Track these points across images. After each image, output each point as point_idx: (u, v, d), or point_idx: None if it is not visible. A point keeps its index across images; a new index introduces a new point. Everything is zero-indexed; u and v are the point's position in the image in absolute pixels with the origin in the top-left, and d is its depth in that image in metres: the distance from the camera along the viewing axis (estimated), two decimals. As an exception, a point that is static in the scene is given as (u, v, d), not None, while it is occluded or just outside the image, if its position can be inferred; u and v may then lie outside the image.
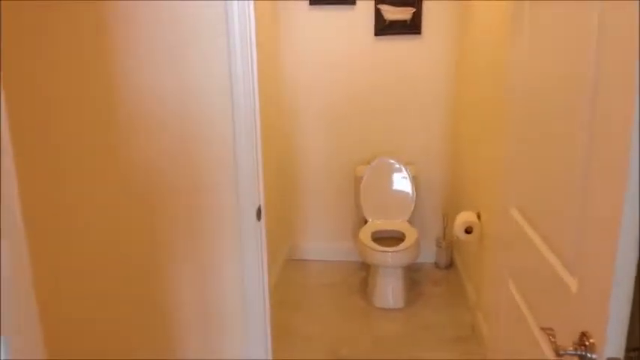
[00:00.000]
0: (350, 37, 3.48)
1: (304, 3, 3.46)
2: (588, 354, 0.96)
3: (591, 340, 0.97)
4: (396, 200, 3.44)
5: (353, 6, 3.43)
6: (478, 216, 2.73)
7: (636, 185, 0.84)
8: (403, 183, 3.42)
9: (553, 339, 1.08)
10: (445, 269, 3.64)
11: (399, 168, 3.41)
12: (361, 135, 3.62)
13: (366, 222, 3.47)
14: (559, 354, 1.02)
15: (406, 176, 3.41)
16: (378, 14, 3.42)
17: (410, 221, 3.45)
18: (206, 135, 1.78)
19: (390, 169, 3.43)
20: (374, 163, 3.44)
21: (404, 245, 3.02)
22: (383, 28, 3.44)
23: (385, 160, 3.43)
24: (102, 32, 1.70)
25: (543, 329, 1.16)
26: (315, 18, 3.48)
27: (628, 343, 0.93)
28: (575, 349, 1.00)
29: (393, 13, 3.41)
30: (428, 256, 3.72)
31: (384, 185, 3.45)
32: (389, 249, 2.98)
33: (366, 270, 3.61)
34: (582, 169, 1.06)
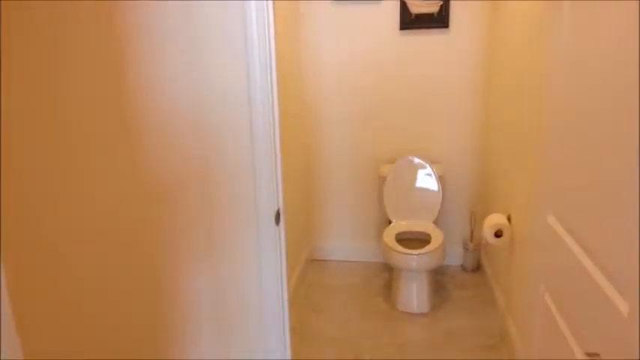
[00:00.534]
0: (374, 32, 3.36)
1: (327, -4, 3.36)
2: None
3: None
4: (422, 200, 3.32)
5: (378, 0, 3.32)
6: (508, 218, 2.60)
7: None
8: (429, 182, 3.30)
9: (601, 368, 0.97)
10: (472, 272, 3.51)
11: (425, 167, 3.29)
12: (385, 133, 3.51)
13: (390, 222, 3.36)
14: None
15: (432, 175, 3.29)
16: (404, 8, 3.30)
17: (435, 222, 3.33)
18: (223, 137, 1.70)
19: (416, 168, 3.31)
20: (399, 162, 3.32)
21: (429, 248, 2.91)
22: (409, 22, 3.32)
23: (410, 159, 3.31)
24: (114, 33, 1.63)
25: (589, 355, 1.05)
26: (338, 13, 3.37)
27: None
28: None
29: (420, 7, 3.28)
30: (454, 259, 3.60)
31: (409, 185, 3.33)
32: (414, 252, 2.87)
33: (390, 271, 3.51)
34: (636, 180, 0.94)
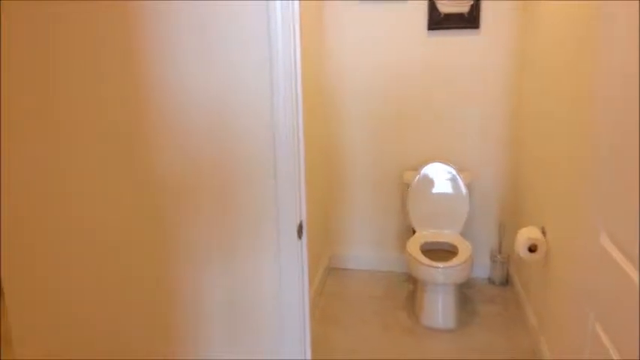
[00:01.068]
0: (401, 32, 3.22)
1: (352, -5, 3.22)
2: None
3: None
4: (448, 210, 3.16)
5: (405, 0, 3.17)
6: (543, 232, 2.44)
7: None
8: (455, 191, 3.14)
9: None
10: (500, 286, 3.34)
11: (452, 174, 3.14)
12: (410, 138, 3.36)
13: (414, 232, 3.21)
14: None
15: (459, 183, 3.13)
16: (433, 7, 3.15)
17: (462, 233, 3.17)
18: (242, 143, 1.58)
19: (442, 176, 3.16)
20: (424, 169, 3.17)
21: (457, 261, 2.75)
22: (437, 22, 3.16)
23: (436, 166, 3.16)
24: (130, 31, 1.52)
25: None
26: (363, 13, 3.23)
27: None
28: None
29: (449, 6, 3.13)
30: (481, 271, 3.44)
31: (435, 193, 3.18)
32: (440, 264, 2.72)
33: (413, 283, 3.36)
34: None
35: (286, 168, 1.58)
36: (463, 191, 3.13)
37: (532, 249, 2.38)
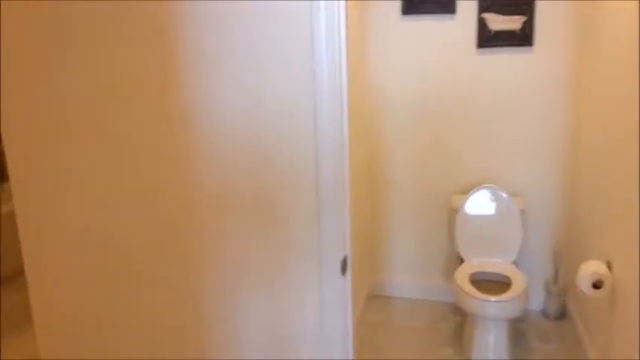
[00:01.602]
0: (448, 50, 3.07)
1: (396, 12, 3.10)
2: None
3: None
4: (499, 237, 2.97)
5: (452, 15, 3.03)
6: (609, 266, 2.23)
7: None
8: (508, 217, 2.95)
9: None
10: (556, 320, 3.10)
11: (504, 200, 2.95)
12: (458, 160, 3.19)
13: (462, 260, 3.02)
14: None
15: (512, 209, 2.94)
16: (482, 24, 2.99)
17: (515, 262, 2.96)
18: (282, 171, 1.46)
19: (493, 201, 2.97)
20: (474, 193, 2.99)
21: (511, 294, 2.55)
22: (487, 40, 3.01)
23: (487, 190, 2.98)
24: (164, 36, 1.43)
25: None
26: (407, 29, 3.11)
27: None
28: None
29: (500, 23, 2.97)
30: (535, 303, 3.21)
31: (485, 219, 2.99)
32: (492, 297, 2.53)
33: (461, 314, 3.16)
34: None
35: (331, 200, 1.46)
36: (516, 217, 2.93)
37: (597, 285, 2.17)
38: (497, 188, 2.96)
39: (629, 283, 1.99)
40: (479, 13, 2.98)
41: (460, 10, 3.02)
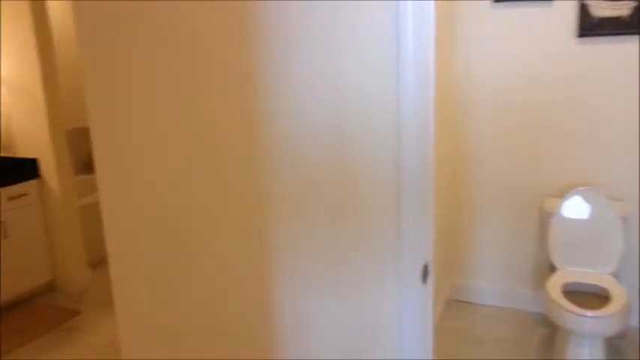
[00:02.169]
0: (543, 39, 2.82)
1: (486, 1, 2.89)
2: None
3: None
4: (598, 246, 2.69)
5: (550, 1, 2.78)
6: None
7: None
8: (608, 224, 2.67)
9: None
10: (661, 339, 2.79)
11: (604, 204, 2.67)
12: (552, 159, 2.93)
13: (554, 269, 2.78)
14: None
15: (613, 215, 2.66)
16: (584, 10, 2.72)
17: (614, 274, 2.68)
18: (360, 167, 1.35)
19: (591, 205, 2.70)
20: (570, 196, 2.73)
21: (611, 309, 2.30)
22: (589, 28, 2.73)
23: (585, 193, 2.71)
24: (243, 29, 1.36)
25: None
26: (499, 17, 2.89)
27: None
28: None
29: (605, 8, 2.69)
30: (634, 318, 2.90)
31: (583, 225, 2.72)
32: (589, 312, 2.28)
33: (549, 327, 2.92)
34: None
35: (413, 200, 1.32)
36: (616, 224, 2.65)
37: None
38: (596, 191, 2.69)
39: None
40: (581, -1, 2.72)
41: (559, -4, 2.76)
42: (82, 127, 4.04)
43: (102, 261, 3.70)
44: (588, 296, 2.53)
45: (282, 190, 1.42)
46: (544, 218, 2.91)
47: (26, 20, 3.18)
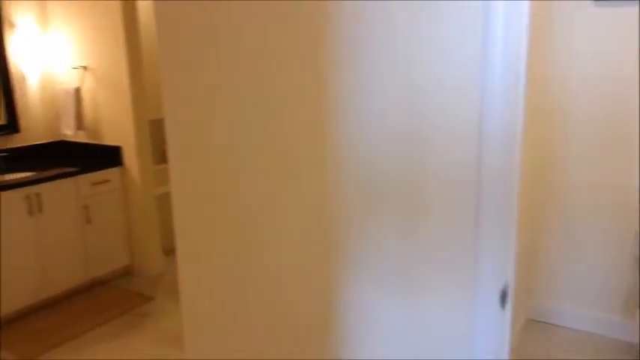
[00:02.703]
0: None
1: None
2: None
3: None
4: None
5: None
6: None
7: None
8: None
9: None
10: None
11: None
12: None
13: (650, 296, 2.51)
14: None
15: None
16: (703, 10, 2.43)
17: None
18: (437, 173, 1.24)
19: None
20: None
21: None
22: None
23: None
24: (321, 32, 1.29)
25: None
26: (600, 16, 2.64)
27: None
28: None
29: None
30: None
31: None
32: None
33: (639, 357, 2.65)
34: None
35: (493, 217, 1.20)
36: None
37: None
38: None
39: None
40: (700, -3, 2.43)
41: (674, -6, 2.48)
42: (163, 118, 4.15)
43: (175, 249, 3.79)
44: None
45: (352, 192, 1.36)
46: (642, 239, 2.64)
47: (117, 18, 3.31)
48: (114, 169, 3.53)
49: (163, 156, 4.28)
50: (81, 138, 3.68)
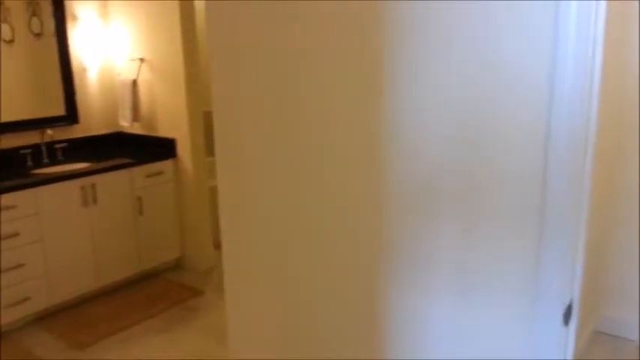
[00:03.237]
0: None
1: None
2: None
3: None
4: None
5: None
6: None
7: None
8: None
9: None
10: None
11: None
12: None
13: None
14: None
15: None
16: None
17: None
18: (498, 174, 1.12)
19: None
20: None
21: None
22: None
23: None
24: (380, 33, 1.21)
25: None
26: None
27: None
28: None
29: None
30: None
31: None
32: None
33: None
34: None
35: (559, 212, 1.07)
36: None
37: None
38: None
39: None
40: None
41: None
42: (219, 111, 4.15)
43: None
44: None
45: (410, 192, 1.29)
46: None
47: (175, 15, 3.34)
48: (168, 161, 3.55)
49: (216, 149, 4.29)
50: (136, 129, 3.73)
